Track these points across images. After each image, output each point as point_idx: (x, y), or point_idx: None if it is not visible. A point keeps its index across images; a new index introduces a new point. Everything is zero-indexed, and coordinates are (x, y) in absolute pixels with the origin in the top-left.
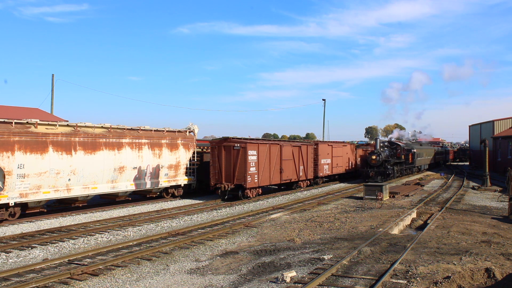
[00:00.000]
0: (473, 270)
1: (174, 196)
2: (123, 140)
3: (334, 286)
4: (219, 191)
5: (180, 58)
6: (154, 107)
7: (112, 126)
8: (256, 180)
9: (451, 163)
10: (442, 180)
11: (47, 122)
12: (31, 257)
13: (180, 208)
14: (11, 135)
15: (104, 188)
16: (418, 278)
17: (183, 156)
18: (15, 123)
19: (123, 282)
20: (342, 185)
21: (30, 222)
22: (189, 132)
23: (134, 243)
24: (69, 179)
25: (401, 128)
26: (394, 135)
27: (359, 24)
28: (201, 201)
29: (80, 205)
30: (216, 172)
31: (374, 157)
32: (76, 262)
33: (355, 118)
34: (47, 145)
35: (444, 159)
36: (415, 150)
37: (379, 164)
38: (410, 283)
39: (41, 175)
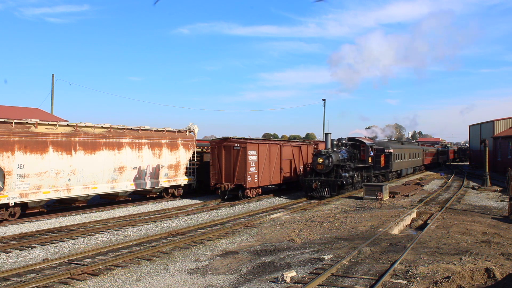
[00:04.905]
0: (473, 270)
1: (174, 196)
2: (123, 140)
3: (334, 286)
4: (219, 191)
5: (180, 58)
6: (154, 107)
7: (112, 126)
8: (256, 180)
9: (451, 163)
10: (442, 180)
11: (47, 122)
12: (31, 257)
13: (180, 208)
14: (11, 135)
15: (104, 188)
16: (418, 278)
17: (183, 156)
18: (15, 123)
19: (123, 282)
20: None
21: (30, 222)
22: (189, 132)
23: (134, 243)
24: (69, 179)
25: (401, 127)
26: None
27: (359, 24)
28: (201, 201)
29: (80, 205)
30: (216, 172)
31: (320, 160)
32: (76, 262)
33: (355, 118)
34: (47, 145)
35: (438, 160)
36: (391, 150)
37: (329, 170)
38: (410, 283)
39: (41, 175)
